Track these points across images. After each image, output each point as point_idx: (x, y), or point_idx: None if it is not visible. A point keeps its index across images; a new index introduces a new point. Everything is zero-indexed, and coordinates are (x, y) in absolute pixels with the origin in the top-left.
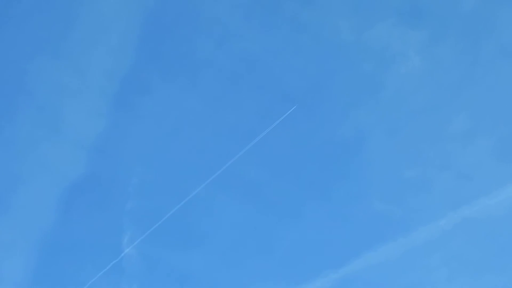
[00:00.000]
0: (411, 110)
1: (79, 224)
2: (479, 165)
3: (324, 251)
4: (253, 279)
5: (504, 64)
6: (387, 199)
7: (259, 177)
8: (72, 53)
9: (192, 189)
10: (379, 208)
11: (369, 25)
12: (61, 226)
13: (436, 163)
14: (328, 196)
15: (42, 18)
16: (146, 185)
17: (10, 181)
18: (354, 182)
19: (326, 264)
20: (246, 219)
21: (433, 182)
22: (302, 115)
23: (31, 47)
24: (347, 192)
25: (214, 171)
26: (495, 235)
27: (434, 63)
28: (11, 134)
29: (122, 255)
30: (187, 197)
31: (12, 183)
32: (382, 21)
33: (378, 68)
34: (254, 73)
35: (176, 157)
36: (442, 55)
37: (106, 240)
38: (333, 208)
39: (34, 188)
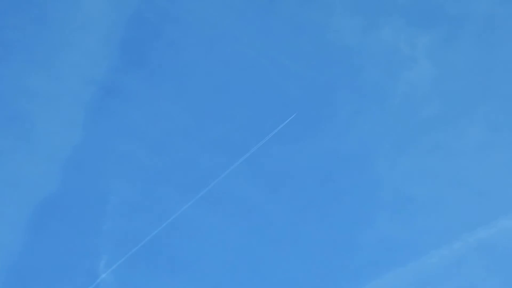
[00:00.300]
0: (421, 121)
1: (50, 246)
2: (497, 182)
3: (324, 281)
4: None
5: None
6: (395, 220)
7: (252, 196)
8: (45, 56)
9: (177, 209)
10: (386, 231)
11: (375, 26)
12: (31, 249)
13: (450, 179)
14: (328, 217)
15: (12, 17)
16: (126, 204)
17: None
18: (357, 201)
19: None
20: (236, 243)
21: (446, 201)
22: (300, 126)
23: None
24: (349, 213)
25: (201, 188)
26: None
27: (447, 69)
28: None
29: (98, 280)
30: (171, 218)
31: None
32: (388, 22)
33: (385, 74)
34: (248, 80)
35: (159, 173)
36: (456, 60)
37: (80, 264)
38: (334, 231)
39: (1, 206)
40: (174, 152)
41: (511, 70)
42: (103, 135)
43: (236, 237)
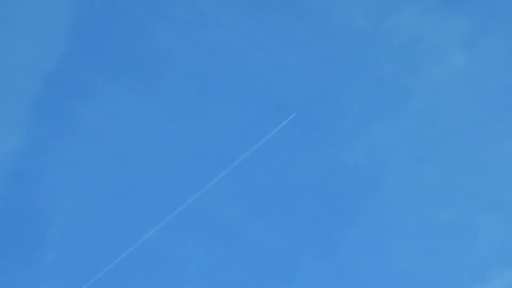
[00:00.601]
0: (448, 129)
1: None
2: None
3: None
4: None
5: None
6: (415, 251)
7: (237, 218)
8: None
9: (142, 233)
10: (403, 264)
11: (392, 10)
12: None
13: (482, 201)
14: (330, 244)
15: None
16: (75, 228)
17: None
18: (368, 227)
19: None
20: (216, 276)
21: (478, 228)
22: (299, 132)
23: None
24: (358, 241)
25: (172, 208)
26: None
27: (481, 63)
28: None
29: None
30: (135, 245)
31: None
32: (409, 4)
33: (404, 69)
34: (234, 75)
35: (121, 189)
36: (493, 53)
37: None
38: (338, 261)
39: None
40: (141, 161)
41: None
42: (50, 140)
43: (216, 269)
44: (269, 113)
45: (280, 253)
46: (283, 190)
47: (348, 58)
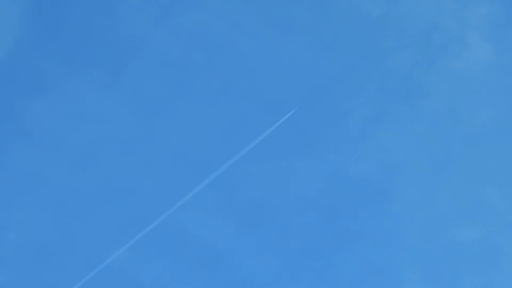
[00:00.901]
0: (470, 132)
1: None
2: None
3: None
4: None
5: None
6: (429, 277)
7: (218, 237)
8: None
9: (104, 255)
10: None
11: None
12: None
13: (510, 220)
14: (332, 271)
15: None
16: (30, 247)
17: None
18: (375, 248)
19: None
20: None
21: (505, 251)
22: (294, 135)
23: None
24: (363, 266)
25: (141, 225)
26: None
27: (507, 55)
28: None
29: None
30: (95, 269)
31: None
32: None
33: (419, 62)
34: (218, 66)
35: (81, 202)
36: None
37: None
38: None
39: None
40: (105, 170)
41: None
42: None
43: None
44: (259, 112)
45: (269, 280)
46: (274, 204)
47: (353, 48)
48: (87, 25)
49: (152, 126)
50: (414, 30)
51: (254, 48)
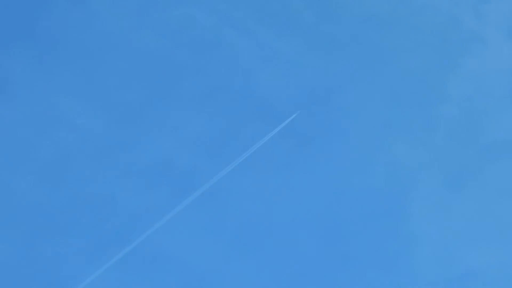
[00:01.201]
0: (492, 144)
1: None
2: None
3: None
4: None
5: None
6: None
7: (206, 261)
8: None
9: (76, 280)
10: None
11: None
12: None
13: None
14: None
15: None
16: None
17: None
18: (383, 275)
19: None
20: None
21: None
22: (293, 146)
23: None
24: None
25: (117, 247)
26: None
27: None
28: None
29: None
30: None
31: None
32: None
33: (435, 64)
34: (204, 67)
35: (51, 221)
36: None
37: None
38: None
39: None
40: (76, 183)
41: None
42: None
43: None
44: (252, 118)
45: None
46: (268, 224)
47: (358, 47)
48: (56, 20)
49: (131, 134)
50: (429, 28)
51: (248, 46)
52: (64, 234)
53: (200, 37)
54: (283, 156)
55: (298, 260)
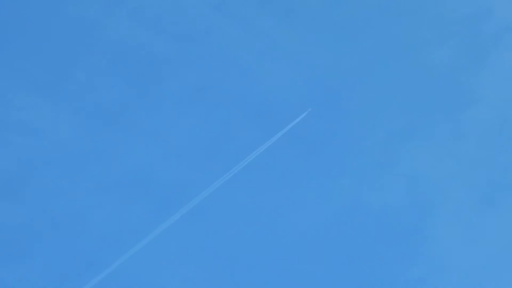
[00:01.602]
0: None
1: None
2: None
3: None
4: None
5: None
6: None
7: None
8: None
9: None
10: None
11: None
12: None
13: None
14: None
15: None
16: None
17: None
18: None
19: None
20: None
21: None
22: (299, 152)
23: None
24: None
25: (95, 271)
26: None
27: None
28: None
29: None
30: None
31: None
32: None
33: (463, 58)
34: (196, 65)
35: (12, 238)
36: None
37: None
38: None
39: None
40: (43, 195)
41: None
42: None
43: None
44: (249, 122)
45: None
46: (268, 245)
47: (375, 41)
48: (21, 6)
49: (104, 140)
50: (457, 18)
51: (243, 37)
52: (24, 257)
53: (187, 26)
54: (285, 167)
55: (302, 284)
